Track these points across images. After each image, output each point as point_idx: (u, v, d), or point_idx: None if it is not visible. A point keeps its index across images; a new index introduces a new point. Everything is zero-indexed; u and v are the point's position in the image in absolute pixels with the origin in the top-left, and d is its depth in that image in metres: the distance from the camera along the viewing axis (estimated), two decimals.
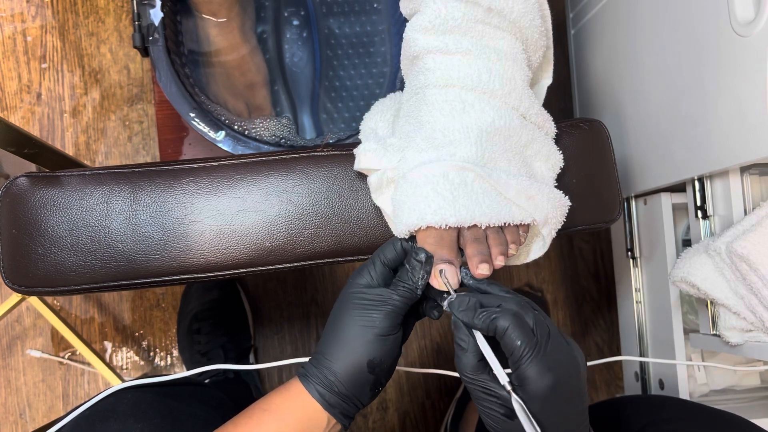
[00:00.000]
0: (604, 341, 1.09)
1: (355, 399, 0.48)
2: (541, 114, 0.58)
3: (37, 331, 1.04)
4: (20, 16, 1.06)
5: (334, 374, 0.47)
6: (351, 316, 0.47)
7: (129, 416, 0.52)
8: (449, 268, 0.48)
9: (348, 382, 0.47)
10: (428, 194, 0.50)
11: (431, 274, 0.49)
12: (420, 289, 0.48)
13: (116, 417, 0.52)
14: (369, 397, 0.49)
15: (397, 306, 0.47)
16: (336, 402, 0.47)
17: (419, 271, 0.48)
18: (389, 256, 0.50)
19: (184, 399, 0.59)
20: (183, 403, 0.57)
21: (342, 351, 0.47)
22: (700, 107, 0.66)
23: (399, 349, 0.50)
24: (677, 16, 0.69)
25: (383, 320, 0.47)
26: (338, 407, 0.47)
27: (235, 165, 0.60)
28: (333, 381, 0.47)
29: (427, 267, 0.48)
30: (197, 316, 0.99)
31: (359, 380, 0.47)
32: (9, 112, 1.05)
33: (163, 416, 0.54)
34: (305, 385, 0.47)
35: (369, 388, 0.48)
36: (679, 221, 0.86)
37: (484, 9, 0.53)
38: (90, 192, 0.58)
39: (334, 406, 0.47)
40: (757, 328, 0.67)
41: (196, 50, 0.82)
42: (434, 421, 1.07)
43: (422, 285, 0.48)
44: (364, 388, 0.47)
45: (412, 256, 0.49)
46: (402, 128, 0.57)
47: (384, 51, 0.91)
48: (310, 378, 0.47)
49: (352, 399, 0.47)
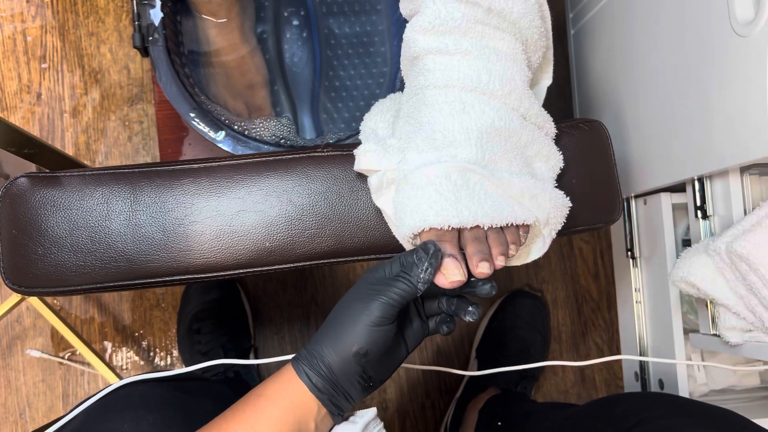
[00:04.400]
0: (604, 341, 1.09)
1: (343, 388, 0.48)
2: (541, 114, 0.58)
3: (36, 331, 1.04)
4: (20, 16, 1.06)
5: (322, 358, 0.47)
6: (349, 304, 0.48)
7: (141, 407, 0.53)
8: (452, 260, 0.48)
9: (336, 369, 0.47)
10: (430, 195, 0.50)
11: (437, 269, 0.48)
12: (422, 283, 0.47)
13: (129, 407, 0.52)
14: (358, 391, 0.48)
15: (393, 298, 0.46)
16: (324, 387, 0.47)
17: (424, 263, 0.47)
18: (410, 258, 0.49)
19: (193, 393, 0.59)
20: (192, 397, 0.58)
21: (332, 337, 0.47)
22: (700, 107, 0.66)
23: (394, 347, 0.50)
24: (677, 16, 0.69)
25: (376, 310, 0.46)
26: (326, 393, 0.47)
27: (235, 165, 0.60)
28: (321, 365, 0.47)
29: (433, 260, 0.47)
30: (197, 316, 0.99)
31: (346, 368, 0.47)
32: (9, 112, 1.05)
33: (175, 408, 0.54)
34: (295, 367, 0.48)
35: (357, 380, 0.48)
36: (679, 221, 0.86)
37: (483, 10, 0.53)
38: (90, 192, 0.58)
39: (321, 391, 0.47)
40: (756, 328, 0.67)
41: (196, 50, 0.82)
42: (434, 421, 1.07)
43: (424, 279, 0.47)
44: (352, 378, 0.47)
45: (420, 247, 0.48)
46: (402, 129, 0.57)
47: (384, 51, 0.91)
48: (300, 361, 0.48)
49: (340, 388, 0.47)
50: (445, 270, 0.48)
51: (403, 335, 0.52)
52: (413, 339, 0.52)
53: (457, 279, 0.48)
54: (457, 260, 0.48)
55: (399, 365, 0.51)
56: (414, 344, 0.52)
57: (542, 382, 1.08)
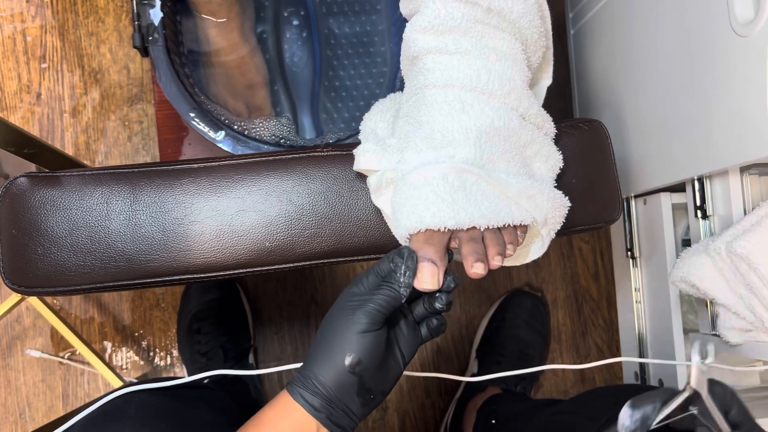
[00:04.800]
0: (604, 341, 1.09)
1: (342, 404, 0.46)
2: (541, 114, 0.58)
3: (36, 331, 1.04)
4: (20, 16, 1.06)
5: (316, 377, 0.46)
6: (335, 319, 0.47)
7: (136, 420, 0.52)
8: (429, 266, 0.48)
9: (331, 385, 0.46)
10: (427, 197, 0.50)
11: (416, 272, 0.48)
12: (403, 287, 0.47)
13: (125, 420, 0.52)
14: (358, 405, 0.47)
15: (378, 303, 0.46)
16: (321, 406, 0.46)
17: (401, 267, 0.48)
18: (384, 267, 0.49)
19: (190, 402, 0.58)
20: (189, 407, 0.57)
21: (322, 352, 0.46)
22: (699, 107, 0.66)
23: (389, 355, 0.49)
24: (677, 16, 0.69)
25: (362, 317, 0.46)
26: (324, 411, 0.46)
27: (234, 165, 0.60)
28: (315, 384, 0.46)
29: (409, 263, 0.48)
30: (197, 316, 0.99)
31: (342, 382, 0.46)
32: (9, 112, 1.05)
33: (170, 420, 0.53)
34: (289, 390, 0.47)
35: (356, 392, 0.46)
36: (679, 221, 0.86)
37: (483, 9, 0.53)
38: (90, 192, 0.58)
39: (319, 410, 0.46)
40: (756, 328, 0.67)
41: (196, 50, 0.82)
42: (434, 421, 1.07)
43: (404, 283, 0.47)
44: (350, 391, 0.46)
45: (395, 253, 0.48)
46: (401, 128, 0.56)
47: (384, 51, 0.91)
48: (294, 384, 0.47)
49: (339, 404, 0.46)
50: (420, 274, 0.48)
51: (398, 344, 0.51)
52: (407, 347, 0.51)
53: (427, 287, 0.48)
54: (435, 265, 0.48)
55: (399, 376, 0.51)
56: (409, 352, 0.51)
57: (542, 382, 1.08)
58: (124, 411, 0.53)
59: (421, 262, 0.48)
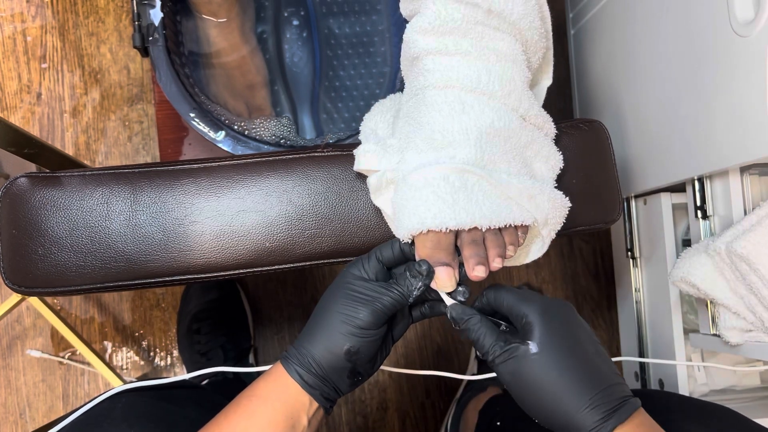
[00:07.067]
0: (604, 341, 1.09)
1: (333, 383, 0.49)
2: (541, 115, 0.58)
3: (37, 331, 1.04)
4: (20, 16, 1.06)
5: (313, 357, 0.48)
6: (338, 304, 0.49)
7: (122, 421, 0.53)
8: (446, 270, 0.49)
9: (326, 366, 0.48)
10: (428, 198, 0.51)
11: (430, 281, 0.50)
12: (413, 298, 0.50)
13: (110, 422, 0.52)
14: (347, 385, 0.50)
15: (385, 306, 0.48)
16: (315, 383, 0.48)
17: (418, 282, 0.49)
18: (386, 254, 0.52)
19: (179, 402, 0.59)
20: (178, 407, 0.57)
21: (322, 336, 0.48)
22: (699, 107, 0.66)
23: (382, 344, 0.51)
24: (677, 16, 0.69)
25: (368, 316, 0.48)
26: (318, 388, 0.48)
27: (235, 165, 0.60)
28: (311, 363, 0.48)
29: (427, 281, 0.49)
30: (197, 316, 0.99)
31: (336, 365, 0.48)
32: (9, 112, 1.05)
33: (157, 421, 0.54)
34: (285, 366, 0.48)
35: (347, 375, 0.49)
36: (679, 221, 0.86)
37: (483, 11, 0.53)
38: (90, 192, 0.58)
39: (313, 387, 0.48)
40: (756, 328, 0.67)
41: (196, 50, 0.82)
42: (434, 421, 1.07)
43: (416, 295, 0.50)
44: (342, 374, 0.49)
45: (414, 267, 0.50)
46: (401, 129, 0.56)
47: (384, 51, 0.91)
48: (290, 359, 0.49)
49: (330, 382, 0.49)
50: (438, 279, 0.50)
51: (391, 333, 0.53)
52: (399, 332, 0.54)
53: (447, 289, 0.50)
54: (451, 267, 0.50)
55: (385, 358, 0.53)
56: (399, 336, 0.54)
57: None
58: (110, 412, 0.54)
59: (437, 267, 0.50)
